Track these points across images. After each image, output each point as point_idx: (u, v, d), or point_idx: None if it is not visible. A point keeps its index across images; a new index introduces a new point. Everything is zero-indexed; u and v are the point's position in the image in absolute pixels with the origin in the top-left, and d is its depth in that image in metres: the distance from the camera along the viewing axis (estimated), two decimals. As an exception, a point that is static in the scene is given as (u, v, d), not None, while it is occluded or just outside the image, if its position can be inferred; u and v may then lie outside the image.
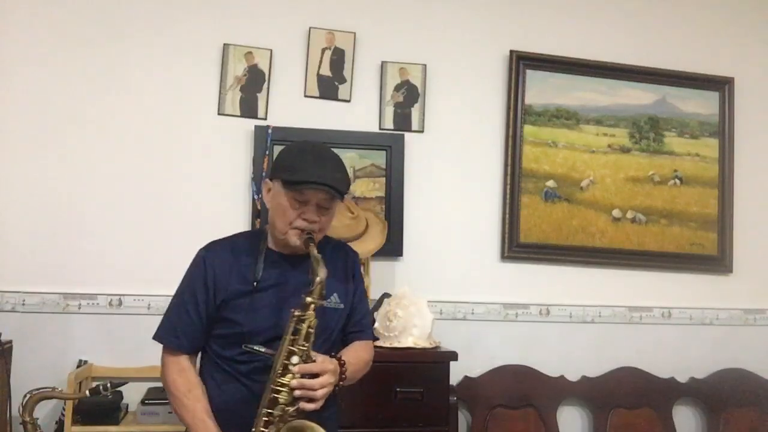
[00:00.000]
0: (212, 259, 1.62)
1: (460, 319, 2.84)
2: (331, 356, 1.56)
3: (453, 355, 2.44)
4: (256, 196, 2.67)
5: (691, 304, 3.07)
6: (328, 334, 1.64)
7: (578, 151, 3.00)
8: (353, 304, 1.72)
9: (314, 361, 1.47)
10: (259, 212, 2.66)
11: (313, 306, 1.48)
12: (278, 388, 1.44)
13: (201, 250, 1.68)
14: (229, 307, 1.58)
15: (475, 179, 2.92)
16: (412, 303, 2.47)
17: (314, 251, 1.53)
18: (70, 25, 2.62)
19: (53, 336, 2.52)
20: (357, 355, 1.66)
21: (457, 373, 2.69)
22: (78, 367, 2.47)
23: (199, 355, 1.68)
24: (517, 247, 2.91)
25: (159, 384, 2.51)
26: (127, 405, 2.47)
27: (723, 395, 2.97)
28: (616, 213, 3.01)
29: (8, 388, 2.27)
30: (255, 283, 1.59)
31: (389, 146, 2.80)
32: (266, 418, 1.44)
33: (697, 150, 3.12)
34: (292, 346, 1.47)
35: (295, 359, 1.45)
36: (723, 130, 3.14)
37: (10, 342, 2.37)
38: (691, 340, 3.05)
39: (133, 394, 2.43)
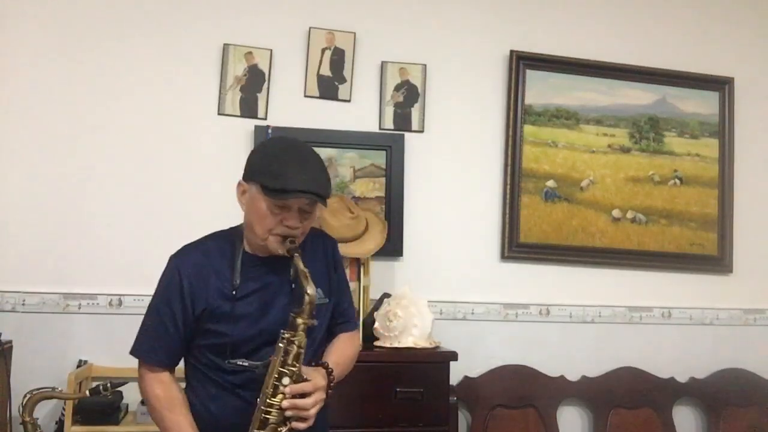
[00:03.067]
0: (186, 268, 1.54)
1: (460, 319, 2.84)
2: (316, 364, 1.53)
3: (453, 355, 2.44)
4: (256, 196, 2.66)
5: (691, 304, 3.07)
6: (316, 333, 1.59)
7: (578, 151, 3.00)
8: (336, 295, 1.67)
9: (305, 379, 1.44)
10: (259, 212, 2.66)
11: (303, 326, 1.44)
12: (269, 409, 1.42)
13: (172, 257, 1.60)
14: (212, 317, 1.52)
15: (475, 179, 2.92)
16: (412, 303, 2.47)
17: (301, 264, 1.46)
18: (69, 25, 2.62)
19: (53, 336, 2.52)
20: (343, 353, 1.64)
21: (457, 373, 2.69)
22: (78, 367, 2.47)
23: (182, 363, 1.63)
24: (517, 247, 2.91)
25: (159, 384, 2.51)
26: (127, 405, 2.47)
27: (723, 395, 2.97)
28: (616, 213, 3.01)
29: (8, 388, 2.27)
30: (234, 292, 1.53)
31: (389, 146, 2.80)
32: None
33: (697, 150, 3.12)
34: (283, 367, 1.43)
35: (285, 380, 1.42)
36: (723, 130, 3.14)
37: (10, 342, 2.37)
38: (691, 340, 3.05)
39: (133, 394, 2.42)
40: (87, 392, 1.83)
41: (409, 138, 2.84)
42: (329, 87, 2.80)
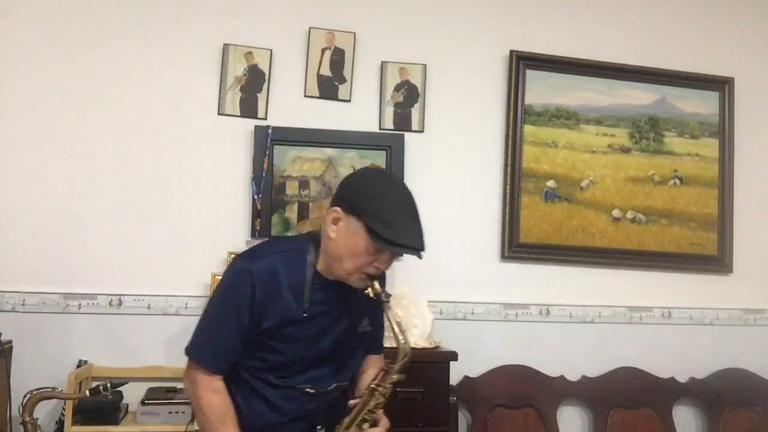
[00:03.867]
0: (260, 277, 1.48)
1: (460, 319, 2.84)
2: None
3: (453, 355, 2.44)
4: (255, 196, 2.67)
5: (691, 304, 3.07)
6: (361, 357, 1.66)
7: (578, 151, 3.00)
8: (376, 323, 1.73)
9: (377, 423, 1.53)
10: (259, 212, 2.66)
11: (394, 379, 1.49)
12: None
13: (245, 262, 1.53)
14: (275, 335, 1.49)
15: (475, 179, 2.92)
16: (412, 303, 2.47)
17: (394, 316, 1.48)
18: (70, 25, 2.62)
19: (53, 336, 2.52)
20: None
21: (457, 373, 2.69)
22: (78, 367, 2.46)
23: None
24: (517, 247, 2.91)
25: (159, 384, 2.51)
26: (127, 405, 2.47)
27: (723, 395, 2.97)
28: (616, 213, 3.01)
29: (8, 388, 2.27)
30: (305, 315, 1.50)
31: (389, 146, 2.80)
32: None
33: (697, 150, 3.12)
34: (366, 414, 1.50)
35: (366, 426, 1.50)
36: (723, 130, 3.14)
37: (10, 342, 2.37)
38: (691, 340, 3.05)
39: (133, 394, 2.43)
40: (87, 392, 1.83)
41: (409, 138, 2.84)
42: (329, 87, 2.80)
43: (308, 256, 1.53)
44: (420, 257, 1.49)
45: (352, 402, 1.54)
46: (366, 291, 1.51)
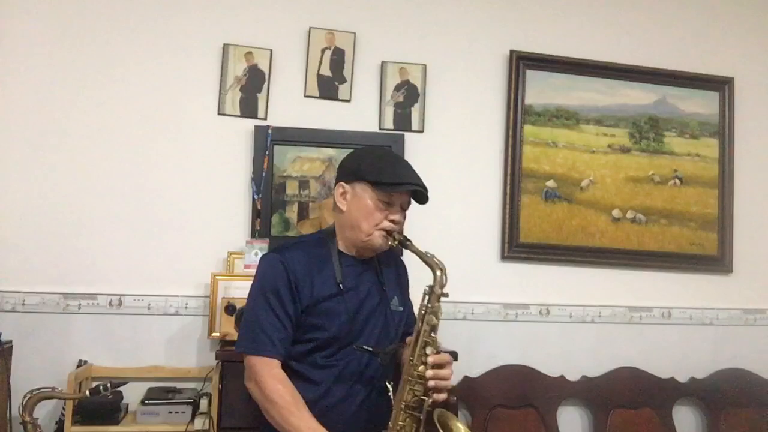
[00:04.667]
0: (292, 264, 1.58)
1: (460, 319, 2.84)
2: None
3: (453, 355, 2.42)
4: (255, 196, 2.67)
5: (691, 304, 3.07)
6: (393, 335, 1.68)
7: (578, 151, 3.00)
8: (407, 305, 1.79)
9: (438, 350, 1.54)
10: (259, 212, 2.66)
11: (439, 296, 1.55)
12: (416, 380, 1.50)
13: (273, 254, 1.63)
14: (315, 312, 1.57)
15: (475, 179, 2.92)
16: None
17: (419, 248, 1.59)
18: (69, 25, 2.62)
19: (53, 336, 2.52)
20: None
21: (457, 373, 2.65)
22: (78, 367, 2.46)
23: None
24: (517, 247, 2.91)
25: (159, 384, 2.52)
26: (127, 405, 2.47)
27: (723, 395, 2.97)
28: (616, 213, 3.01)
29: (8, 388, 2.27)
30: (341, 286, 1.59)
31: (389, 146, 2.79)
32: (404, 412, 1.50)
33: (697, 150, 3.12)
34: (426, 337, 1.53)
35: (429, 350, 1.51)
36: (723, 130, 3.14)
37: (10, 342, 2.37)
38: (691, 340, 3.05)
39: (133, 394, 2.43)
40: (87, 392, 1.83)
41: (409, 138, 2.84)
42: (329, 87, 2.80)
43: (329, 242, 1.67)
44: (425, 197, 1.63)
45: (408, 338, 1.60)
46: (390, 245, 1.62)
